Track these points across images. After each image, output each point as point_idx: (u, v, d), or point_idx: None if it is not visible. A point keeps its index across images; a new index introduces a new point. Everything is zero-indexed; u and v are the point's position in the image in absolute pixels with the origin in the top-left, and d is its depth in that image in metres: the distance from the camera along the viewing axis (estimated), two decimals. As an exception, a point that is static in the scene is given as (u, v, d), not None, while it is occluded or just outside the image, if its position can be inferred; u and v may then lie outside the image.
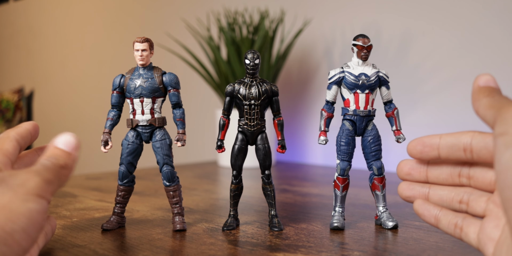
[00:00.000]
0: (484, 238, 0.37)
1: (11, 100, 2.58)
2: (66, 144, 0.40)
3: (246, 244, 0.55)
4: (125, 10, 2.06)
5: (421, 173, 0.43)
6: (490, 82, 0.37)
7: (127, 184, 0.64)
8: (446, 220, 0.41)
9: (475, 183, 0.40)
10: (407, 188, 0.44)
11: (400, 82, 1.17)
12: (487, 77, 0.38)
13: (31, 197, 0.35)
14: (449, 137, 0.40)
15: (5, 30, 2.88)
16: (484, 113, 0.35)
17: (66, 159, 0.39)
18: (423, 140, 0.41)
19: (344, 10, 1.30)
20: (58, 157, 0.39)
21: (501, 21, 1.05)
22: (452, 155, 0.40)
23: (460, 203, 0.41)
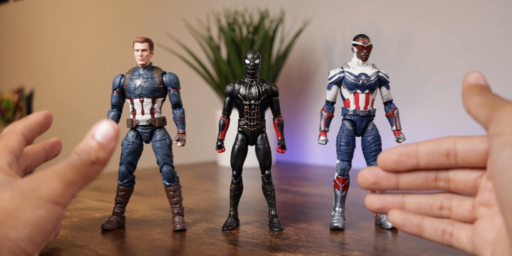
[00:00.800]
0: (480, 241, 0.36)
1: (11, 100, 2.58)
2: (104, 135, 0.37)
3: (246, 244, 0.55)
4: (125, 10, 2.06)
5: (390, 181, 0.40)
6: (480, 80, 0.36)
7: (127, 184, 0.64)
8: (431, 227, 0.39)
9: (456, 186, 0.38)
10: (376, 199, 0.41)
11: (400, 82, 1.17)
12: (476, 74, 0.37)
13: (43, 204, 0.34)
14: (427, 143, 0.38)
15: (5, 30, 2.88)
16: (476, 112, 0.34)
17: (99, 153, 0.37)
18: (397, 149, 0.39)
19: (344, 10, 1.30)
20: (91, 151, 0.37)
21: (501, 21, 1.05)
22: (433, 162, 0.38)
23: (441, 209, 0.39)
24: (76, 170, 0.36)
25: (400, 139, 0.64)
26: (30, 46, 2.66)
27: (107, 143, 0.37)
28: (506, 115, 0.32)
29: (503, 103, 0.33)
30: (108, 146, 0.37)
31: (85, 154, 0.37)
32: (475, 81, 0.36)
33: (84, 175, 0.36)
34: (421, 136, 1.14)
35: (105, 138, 0.37)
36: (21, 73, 2.75)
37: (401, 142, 0.64)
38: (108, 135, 0.37)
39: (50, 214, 0.34)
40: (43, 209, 0.34)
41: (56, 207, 0.35)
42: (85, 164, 0.37)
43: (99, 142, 0.37)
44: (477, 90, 0.35)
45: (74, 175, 0.36)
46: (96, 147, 0.37)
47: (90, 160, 0.37)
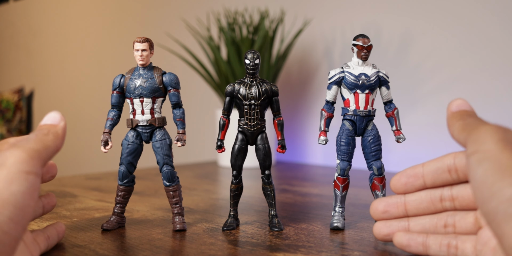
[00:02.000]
0: (483, 248, 0.36)
1: (11, 100, 2.58)
2: (50, 119, 0.42)
3: (246, 244, 0.55)
4: (125, 10, 2.06)
5: (399, 208, 0.43)
6: (461, 106, 0.39)
7: (127, 184, 0.64)
8: (436, 243, 0.40)
9: (461, 203, 0.40)
10: (383, 226, 0.44)
11: (400, 82, 1.17)
12: (458, 102, 0.40)
13: (14, 176, 0.34)
14: (431, 163, 0.41)
15: (5, 30, 2.88)
16: (458, 136, 0.36)
17: (50, 128, 0.41)
18: (406, 172, 0.42)
19: (344, 10, 1.30)
20: (42, 128, 0.41)
21: (501, 21, 1.05)
22: (437, 179, 0.40)
23: (445, 227, 0.41)
24: (33, 141, 0.38)
25: (400, 139, 0.64)
26: (30, 46, 2.66)
27: (56, 122, 0.42)
28: (481, 135, 0.34)
29: (479, 125, 0.35)
30: (57, 124, 0.42)
31: (37, 131, 0.40)
32: (457, 108, 0.39)
33: (42, 143, 0.38)
34: (421, 136, 1.14)
35: (52, 120, 0.42)
36: (21, 73, 2.75)
37: (401, 142, 0.64)
38: (54, 118, 0.43)
39: (25, 186, 0.34)
40: (17, 183, 0.34)
41: (28, 177, 0.35)
42: (39, 135, 0.39)
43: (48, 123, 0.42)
44: (458, 116, 0.38)
45: (33, 144, 0.38)
46: (47, 126, 0.41)
47: (42, 132, 0.40)
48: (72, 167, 2.23)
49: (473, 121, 0.36)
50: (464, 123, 0.36)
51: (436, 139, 1.11)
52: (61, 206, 0.78)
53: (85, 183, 1.03)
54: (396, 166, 1.16)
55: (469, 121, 0.36)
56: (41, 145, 0.38)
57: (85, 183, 1.03)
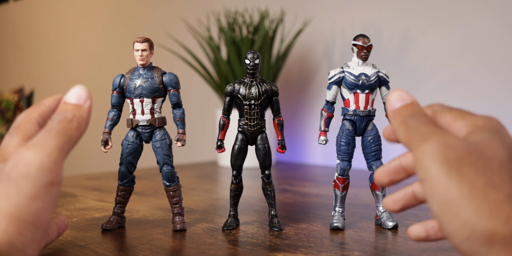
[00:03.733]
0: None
1: (11, 100, 2.58)
2: (75, 96, 0.37)
3: (246, 244, 0.55)
4: (125, 10, 2.06)
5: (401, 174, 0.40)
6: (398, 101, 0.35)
7: (127, 184, 0.64)
8: None
9: None
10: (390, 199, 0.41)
11: (400, 82, 1.17)
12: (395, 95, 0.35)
13: (38, 190, 0.32)
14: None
15: (5, 30, 2.88)
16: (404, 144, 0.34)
17: (75, 112, 0.36)
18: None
19: (344, 10, 1.30)
20: (66, 111, 0.36)
21: (501, 21, 1.05)
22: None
23: None
24: (56, 135, 0.34)
25: (400, 139, 0.64)
26: (30, 46, 2.66)
27: (81, 102, 0.37)
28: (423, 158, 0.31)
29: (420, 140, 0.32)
30: (83, 105, 0.37)
31: (60, 115, 0.36)
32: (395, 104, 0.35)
33: (66, 136, 0.35)
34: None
35: (78, 99, 0.37)
36: (21, 73, 2.75)
37: (401, 142, 0.64)
38: (81, 95, 0.38)
39: (48, 201, 0.33)
40: (40, 198, 0.32)
41: (52, 189, 0.33)
42: (62, 124, 0.35)
43: (72, 102, 0.37)
44: (400, 117, 0.34)
45: (56, 140, 0.34)
46: (71, 107, 0.37)
47: (66, 118, 0.36)
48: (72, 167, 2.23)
49: (415, 127, 0.33)
50: (406, 129, 0.33)
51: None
52: (61, 206, 0.78)
53: (85, 183, 1.03)
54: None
55: (411, 125, 0.33)
56: (65, 138, 0.34)
57: (85, 183, 1.03)
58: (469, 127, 0.33)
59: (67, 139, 0.35)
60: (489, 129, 0.33)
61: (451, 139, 0.31)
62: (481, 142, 0.32)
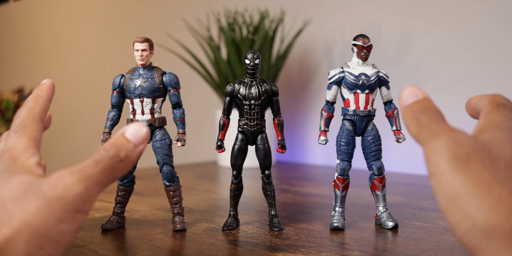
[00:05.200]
0: None
1: (11, 100, 2.58)
2: (134, 134, 0.36)
3: (246, 244, 0.55)
4: (125, 10, 2.06)
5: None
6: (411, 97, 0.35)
7: (127, 184, 0.64)
8: None
9: None
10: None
11: (400, 82, 1.17)
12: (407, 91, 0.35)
13: (68, 214, 0.32)
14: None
15: (5, 30, 2.88)
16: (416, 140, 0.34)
17: (128, 151, 0.35)
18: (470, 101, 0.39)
19: (344, 10, 1.30)
20: (122, 147, 0.35)
21: (501, 21, 1.05)
22: None
23: None
24: (103, 170, 0.34)
25: (400, 139, 0.64)
26: (30, 46, 2.66)
27: (138, 142, 0.36)
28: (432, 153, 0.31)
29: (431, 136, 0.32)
30: (138, 145, 0.36)
31: (115, 150, 0.35)
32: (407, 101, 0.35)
33: (110, 173, 0.34)
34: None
35: (136, 138, 0.36)
36: (21, 73, 2.75)
37: (401, 142, 0.64)
38: (140, 135, 0.36)
39: (73, 225, 0.33)
40: (67, 222, 0.32)
41: (79, 216, 0.33)
42: (113, 161, 0.34)
43: (130, 140, 0.36)
44: (411, 113, 0.35)
45: (100, 174, 0.34)
46: (126, 144, 0.35)
47: (119, 156, 0.35)
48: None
49: (426, 123, 0.33)
50: (418, 124, 0.34)
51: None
52: (61, 206, 0.78)
53: (85, 183, 1.03)
54: (396, 166, 1.16)
55: (422, 121, 0.34)
56: (108, 175, 0.34)
57: (85, 183, 1.02)
58: (484, 123, 0.34)
59: (110, 176, 0.34)
60: (502, 127, 0.33)
61: (460, 136, 0.32)
62: (490, 141, 0.32)
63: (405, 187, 0.93)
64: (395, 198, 0.81)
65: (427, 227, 0.62)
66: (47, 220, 0.32)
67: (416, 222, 0.64)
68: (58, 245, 0.32)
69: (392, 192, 0.85)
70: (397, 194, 0.85)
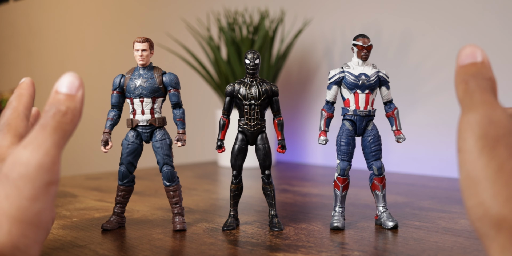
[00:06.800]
0: None
1: (11, 100, 2.57)
2: (68, 85, 0.36)
3: (246, 244, 0.55)
4: (125, 10, 2.06)
5: None
6: (469, 58, 0.33)
7: (127, 184, 0.64)
8: None
9: None
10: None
11: (400, 82, 1.17)
12: (467, 51, 0.34)
13: (38, 190, 0.31)
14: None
15: (5, 30, 2.88)
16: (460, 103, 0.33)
17: (68, 103, 0.35)
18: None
19: (344, 10, 1.30)
20: (59, 103, 0.35)
21: (501, 21, 1.05)
22: None
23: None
24: (52, 131, 0.33)
25: (400, 139, 0.64)
26: (30, 46, 2.66)
27: (74, 92, 0.36)
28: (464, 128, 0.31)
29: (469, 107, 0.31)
30: (75, 95, 0.36)
31: (54, 108, 0.35)
32: (464, 61, 0.34)
33: (61, 130, 0.34)
34: (421, 136, 1.14)
35: (70, 88, 0.36)
36: (21, 73, 2.75)
37: (401, 142, 0.64)
38: (73, 84, 0.36)
39: (47, 201, 0.32)
40: (41, 199, 0.32)
41: (50, 188, 0.32)
42: (57, 117, 0.34)
43: (65, 92, 0.36)
44: (463, 75, 0.33)
45: (52, 136, 0.33)
46: (63, 98, 0.35)
47: (61, 111, 0.34)
48: (72, 167, 2.23)
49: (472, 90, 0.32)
50: (465, 88, 0.32)
51: (436, 139, 1.11)
52: (61, 206, 0.78)
53: (85, 183, 1.03)
54: (396, 166, 1.16)
55: (470, 86, 0.32)
56: (60, 133, 0.33)
57: (85, 183, 1.03)
58: None
59: (62, 134, 0.34)
60: None
61: (497, 115, 0.31)
62: None
63: (405, 187, 0.93)
64: (395, 198, 0.81)
65: (427, 227, 0.62)
66: (20, 204, 0.31)
67: (416, 222, 0.64)
68: (39, 229, 0.32)
69: (392, 192, 0.85)
70: (397, 194, 0.85)
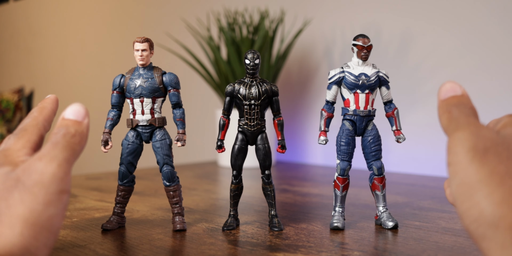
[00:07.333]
0: None
1: (11, 100, 2.58)
2: (75, 113, 0.39)
3: (246, 244, 0.55)
4: (125, 10, 2.06)
5: None
6: (449, 92, 0.36)
7: (127, 184, 0.64)
8: None
9: None
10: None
11: (400, 82, 1.17)
12: (446, 87, 0.37)
13: (52, 197, 0.33)
14: None
15: (5, 30, 2.88)
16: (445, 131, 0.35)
17: (76, 127, 0.38)
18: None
19: (344, 10, 1.30)
20: (67, 126, 0.37)
21: (501, 21, 1.05)
22: None
23: None
24: (63, 148, 0.36)
25: (400, 139, 0.64)
26: (30, 46, 2.66)
27: (80, 119, 0.38)
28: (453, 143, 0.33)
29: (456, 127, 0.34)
30: (82, 121, 0.38)
31: (63, 129, 0.37)
32: (445, 95, 0.36)
33: (71, 149, 0.36)
34: (421, 136, 1.14)
35: (76, 115, 0.38)
36: (21, 73, 2.75)
37: (401, 142, 0.64)
38: (79, 112, 0.39)
39: (59, 208, 0.34)
40: (53, 205, 0.33)
41: (63, 196, 0.34)
42: (67, 138, 0.37)
43: (72, 118, 0.38)
44: (445, 106, 0.36)
45: (63, 152, 0.36)
46: (71, 123, 0.38)
47: (70, 132, 0.37)
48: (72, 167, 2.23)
49: (456, 115, 0.35)
50: (448, 117, 0.35)
51: (436, 139, 1.11)
52: (61, 206, 0.78)
53: (85, 183, 1.03)
54: (396, 166, 1.16)
55: (453, 115, 0.35)
56: (70, 151, 0.36)
57: (85, 183, 1.03)
58: (508, 120, 0.35)
59: (72, 152, 0.36)
60: None
61: (483, 131, 0.33)
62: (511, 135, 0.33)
63: (405, 187, 0.93)
64: (395, 198, 0.81)
65: (427, 227, 0.62)
66: (34, 208, 0.33)
67: (416, 222, 0.64)
68: (50, 233, 0.33)
69: (392, 192, 0.85)
70: (397, 194, 0.85)
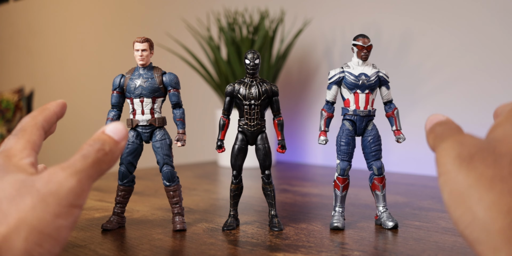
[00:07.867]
0: None
1: (11, 100, 2.58)
2: (115, 131, 0.37)
3: (246, 244, 0.55)
4: (125, 10, 2.06)
5: None
6: (433, 121, 0.38)
7: (127, 184, 0.64)
8: None
9: None
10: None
11: (400, 82, 1.17)
12: (431, 118, 0.39)
13: (63, 209, 0.33)
14: None
15: (5, 30, 2.88)
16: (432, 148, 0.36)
17: (112, 145, 0.36)
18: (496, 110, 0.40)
19: (344, 10, 1.30)
20: (104, 142, 0.36)
21: (501, 21, 1.05)
22: None
23: None
24: (91, 163, 0.35)
25: (400, 139, 0.64)
26: (30, 46, 2.66)
27: (119, 139, 0.37)
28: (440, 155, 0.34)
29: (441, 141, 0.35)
30: (120, 142, 0.37)
31: (99, 145, 0.36)
32: (430, 124, 0.38)
33: (98, 166, 0.35)
34: (421, 136, 1.14)
35: (117, 134, 0.37)
36: (21, 73, 2.75)
37: (401, 142, 0.64)
38: (121, 132, 0.37)
39: (69, 220, 0.33)
40: (63, 217, 0.33)
41: (74, 211, 0.34)
42: (99, 154, 0.36)
43: (111, 136, 0.37)
44: (430, 130, 0.37)
45: (90, 168, 0.35)
46: (109, 139, 0.37)
47: (104, 150, 0.36)
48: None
49: (440, 132, 0.36)
50: (433, 135, 0.36)
51: (436, 139, 1.11)
52: (61, 206, 0.78)
53: (85, 183, 1.03)
54: (396, 166, 1.16)
55: (437, 132, 0.36)
56: (97, 168, 0.35)
57: (85, 183, 1.02)
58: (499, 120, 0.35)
59: (98, 170, 0.35)
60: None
61: (466, 139, 0.34)
62: (498, 138, 0.33)
63: (405, 187, 0.93)
64: (395, 198, 0.81)
65: (427, 227, 0.62)
66: (43, 217, 0.32)
67: (416, 222, 0.64)
68: (56, 242, 0.33)
69: (392, 192, 0.85)
70: (397, 194, 0.85)
